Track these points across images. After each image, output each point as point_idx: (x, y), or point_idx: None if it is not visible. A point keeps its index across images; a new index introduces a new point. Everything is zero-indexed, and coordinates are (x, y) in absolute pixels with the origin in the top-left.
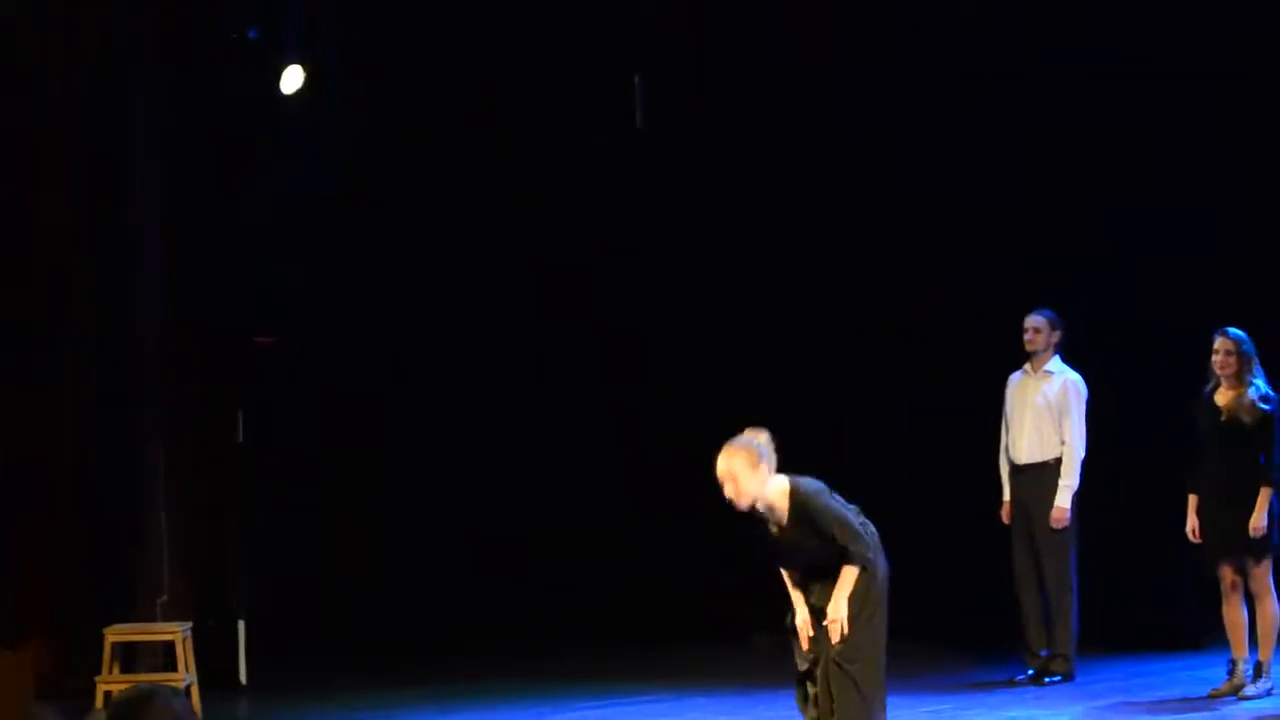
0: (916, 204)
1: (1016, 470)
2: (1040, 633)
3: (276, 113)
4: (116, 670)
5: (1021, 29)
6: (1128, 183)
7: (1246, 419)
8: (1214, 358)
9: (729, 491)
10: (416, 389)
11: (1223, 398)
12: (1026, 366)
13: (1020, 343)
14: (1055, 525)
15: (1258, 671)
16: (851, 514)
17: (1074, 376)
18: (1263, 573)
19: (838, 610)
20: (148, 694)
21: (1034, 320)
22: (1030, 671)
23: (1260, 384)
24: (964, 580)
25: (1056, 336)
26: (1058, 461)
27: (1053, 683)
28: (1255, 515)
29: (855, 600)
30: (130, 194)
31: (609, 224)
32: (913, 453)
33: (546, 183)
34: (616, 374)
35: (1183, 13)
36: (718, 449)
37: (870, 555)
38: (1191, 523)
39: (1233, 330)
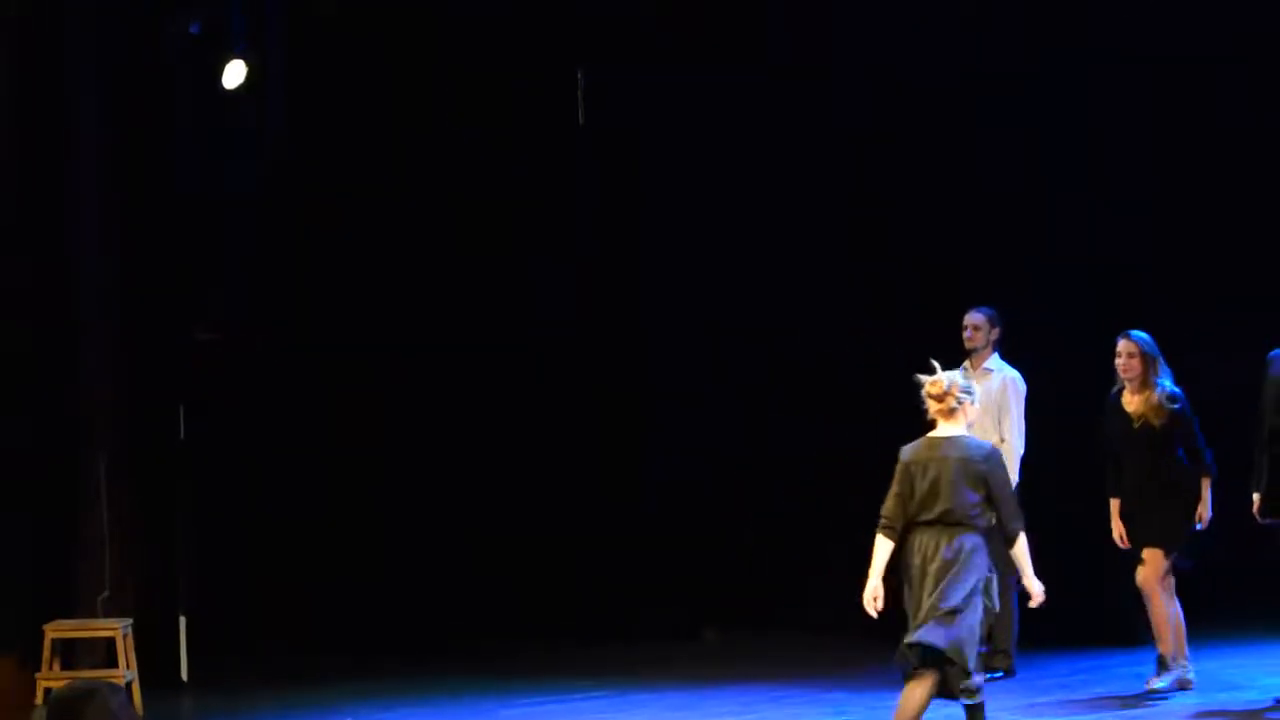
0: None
1: None
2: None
3: (219, 108)
4: (57, 667)
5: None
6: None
7: (1157, 421)
8: (1117, 361)
9: None
10: (357, 384)
11: (1131, 403)
12: (965, 364)
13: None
14: None
15: (1161, 665)
16: None
17: (1013, 374)
18: (1155, 568)
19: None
20: (87, 691)
21: (973, 318)
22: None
23: (1167, 384)
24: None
25: (995, 334)
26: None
27: (994, 678)
28: (1201, 506)
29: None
30: (68, 190)
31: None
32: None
33: (504, 175)
34: (563, 367)
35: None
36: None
37: None
38: (1118, 529)
39: (1135, 333)
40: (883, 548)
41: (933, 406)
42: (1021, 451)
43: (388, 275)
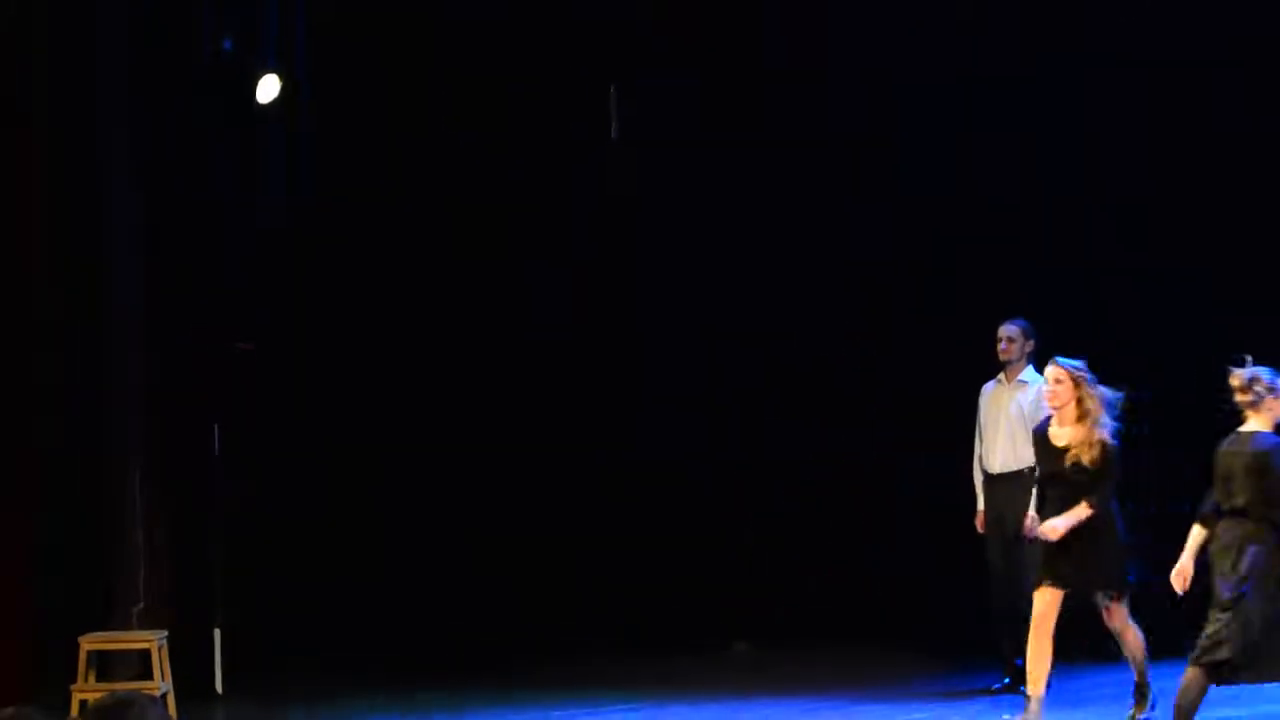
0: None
1: (990, 480)
2: (1017, 642)
3: (254, 122)
4: (92, 678)
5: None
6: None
7: (1088, 459)
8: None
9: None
10: (394, 397)
11: (1059, 436)
12: (1000, 376)
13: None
14: (1029, 535)
15: (1141, 694)
16: None
17: None
18: (1121, 610)
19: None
20: (123, 702)
21: (1008, 330)
22: (1007, 680)
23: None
24: (939, 588)
25: (1030, 346)
26: (1031, 471)
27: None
28: (1063, 517)
29: None
30: (105, 202)
31: (603, 228)
32: (889, 461)
33: (533, 186)
34: (602, 379)
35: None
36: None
37: None
38: None
39: (1063, 359)
40: (1195, 533)
41: (1238, 400)
42: None
43: (418, 282)
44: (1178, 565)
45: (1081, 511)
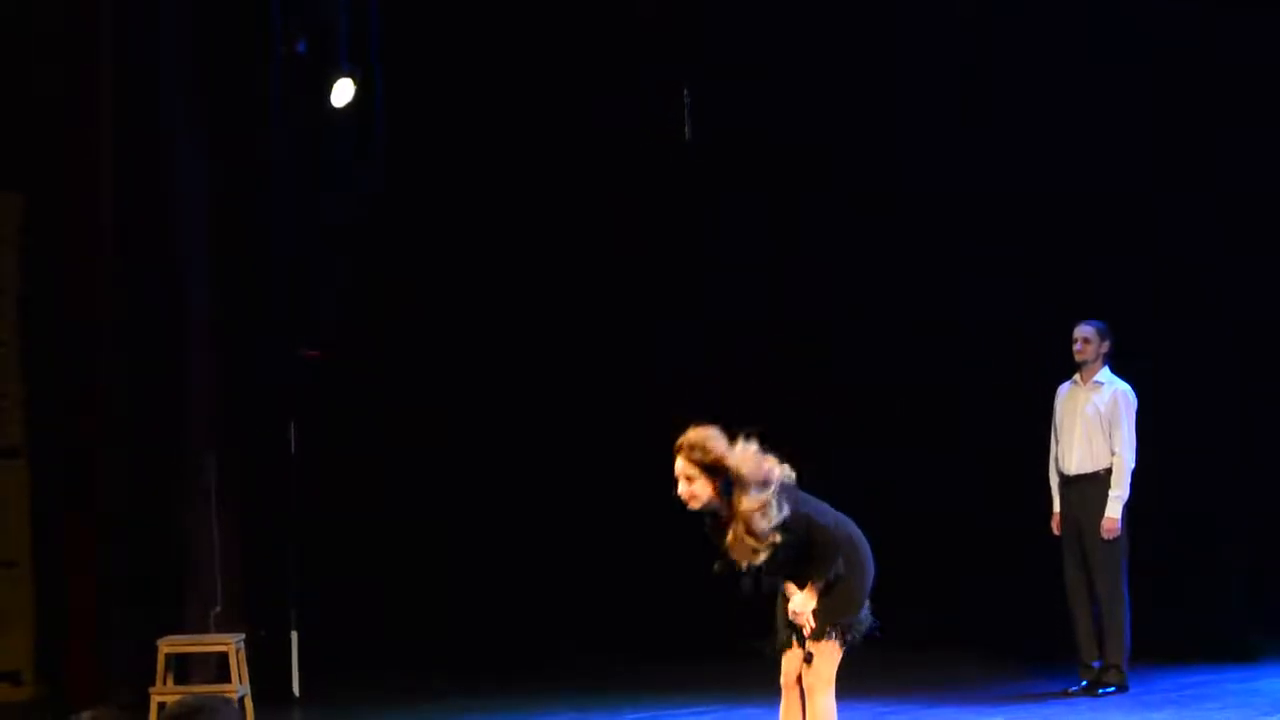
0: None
1: (1066, 481)
2: (1092, 644)
3: (326, 126)
4: (170, 681)
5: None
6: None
7: None
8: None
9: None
10: (468, 401)
11: None
12: (1076, 377)
13: (1070, 353)
14: (1106, 536)
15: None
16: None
17: (1123, 387)
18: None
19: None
20: (197, 706)
21: (1083, 330)
22: (1084, 683)
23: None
24: (1016, 591)
25: (1106, 346)
26: (1108, 472)
27: (1106, 694)
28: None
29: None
30: (180, 204)
31: (660, 237)
32: (965, 466)
33: (593, 195)
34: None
35: None
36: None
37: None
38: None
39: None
40: None
41: None
42: (1133, 465)
43: (488, 283)
44: None
45: None
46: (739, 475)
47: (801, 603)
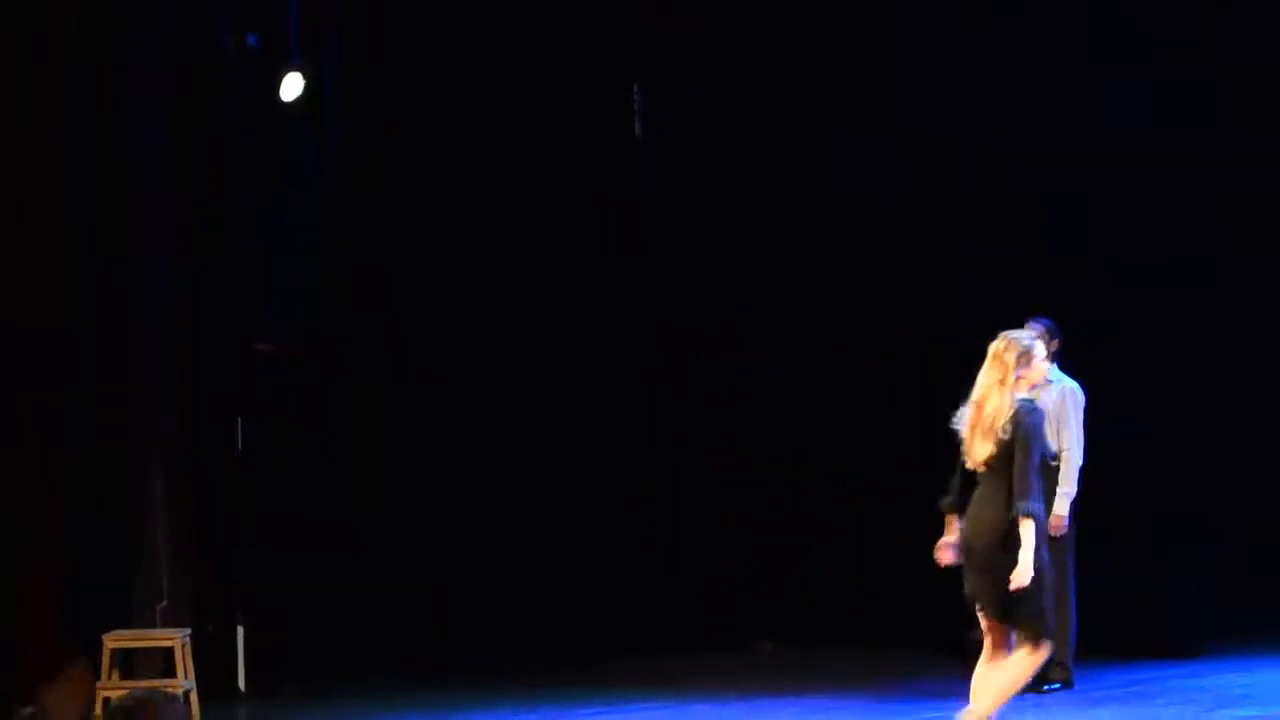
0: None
1: None
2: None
3: (278, 119)
4: (116, 676)
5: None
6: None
7: None
8: None
9: None
10: (415, 397)
11: None
12: None
13: None
14: (1053, 532)
15: None
16: None
17: (1071, 384)
18: None
19: None
20: (143, 700)
21: (1032, 329)
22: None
23: None
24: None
25: (1054, 345)
26: (1055, 469)
27: (1052, 690)
28: None
29: None
30: (132, 199)
31: (619, 233)
32: (910, 458)
33: (551, 188)
34: (613, 377)
35: None
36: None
37: None
38: None
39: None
40: None
41: None
42: (1080, 463)
43: (443, 279)
44: None
45: None
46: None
47: None
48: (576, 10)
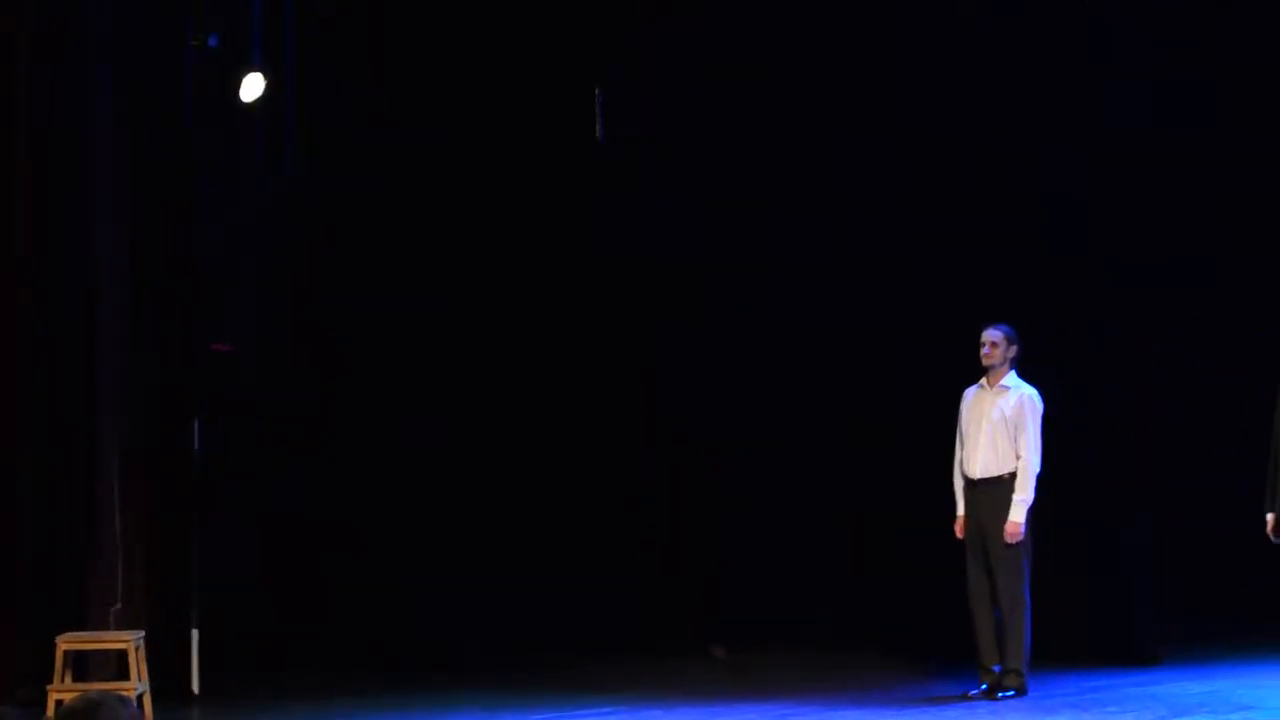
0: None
1: (971, 485)
2: (993, 648)
3: (236, 120)
4: (68, 678)
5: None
6: None
7: None
8: None
9: None
10: (374, 398)
11: None
12: (983, 381)
13: (977, 357)
14: (1009, 540)
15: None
16: None
17: (1030, 391)
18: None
19: None
20: (95, 702)
21: (991, 335)
22: (984, 686)
23: None
24: (918, 594)
25: (1013, 351)
26: (1012, 476)
27: (1006, 698)
28: None
29: None
30: (87, 199)
31: (576, 232)
32: (863, 465)
33: (516, 191)
34: (581, 384)
35: None
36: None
37: None
38: None
39: None
40: None
41: None
42: (1038, 469)
43: (401, 278)
44: None
45: None
46: None
47: None
48: (542, 13)
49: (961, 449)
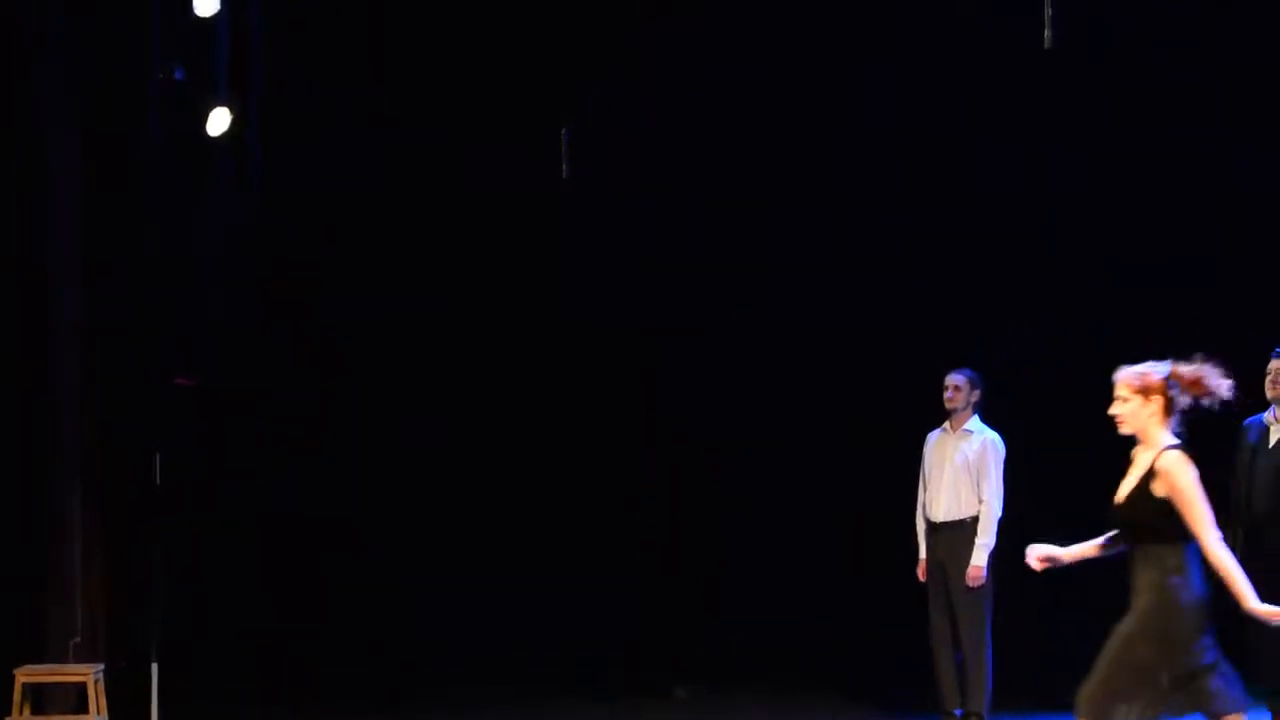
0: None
1: (933, 529)
2: (955, 692)
3: (201, 155)
4: (27, 711)
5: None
6: None
7: None
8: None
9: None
10: (337, 431)
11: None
12: (946, 425)
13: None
14: (971, 584)
15: None
16: None
17: (993, 435)
18: None
19: None
20: None
21: (954, 379)
22: None
23: None
24: (880, 638)
25: (976, 395)
26: (974, 520)
27: None
28: None
29: None
30: (49, 233)
31: (542, 260)
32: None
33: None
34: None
35: None
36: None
37: None
38: None
39: None
40: None
41: None
42: (1000, 514)
43: (365, 311)
44: None
45: None
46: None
47: None
48: (509, 44)
49: (924, 492)
